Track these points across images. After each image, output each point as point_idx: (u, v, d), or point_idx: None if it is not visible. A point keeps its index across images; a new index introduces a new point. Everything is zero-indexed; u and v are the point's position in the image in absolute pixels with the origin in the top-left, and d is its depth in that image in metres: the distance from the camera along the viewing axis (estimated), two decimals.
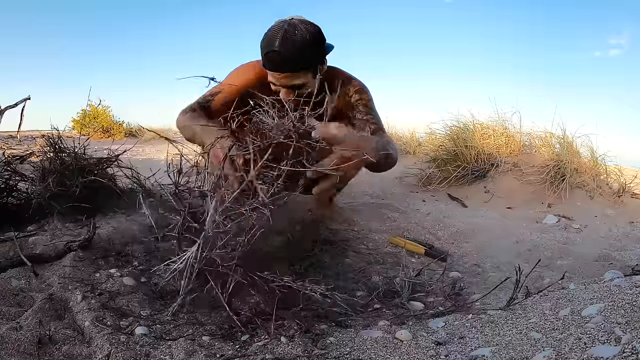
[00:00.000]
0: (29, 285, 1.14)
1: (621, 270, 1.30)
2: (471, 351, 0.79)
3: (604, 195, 2.56)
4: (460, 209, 2.48)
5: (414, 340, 0.86)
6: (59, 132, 1.84)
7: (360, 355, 0.83)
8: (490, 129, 3.23)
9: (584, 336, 0.72)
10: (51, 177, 1.62)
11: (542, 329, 0.81)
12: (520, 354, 0.73)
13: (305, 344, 0.88)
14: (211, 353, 0.86)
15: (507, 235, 1.81)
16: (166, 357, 0.85)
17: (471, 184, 2.92)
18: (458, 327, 0.92)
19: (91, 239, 1.36)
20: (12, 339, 0.85)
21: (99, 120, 8.73)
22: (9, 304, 1.05)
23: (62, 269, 1.20)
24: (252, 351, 0.86)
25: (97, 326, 0.92)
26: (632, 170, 2.89)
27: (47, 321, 0.94)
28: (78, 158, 1.77)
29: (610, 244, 1.75)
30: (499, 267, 1.49)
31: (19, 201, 1.69)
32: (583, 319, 0.79)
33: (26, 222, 1.59)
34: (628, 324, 0.72)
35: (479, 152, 3.00)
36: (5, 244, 1.36)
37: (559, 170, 2.64)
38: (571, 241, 1.73)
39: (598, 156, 2.76)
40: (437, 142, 3.40)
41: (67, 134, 6.74)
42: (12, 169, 1.73)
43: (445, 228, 1.92)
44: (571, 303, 0.88)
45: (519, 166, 2.88)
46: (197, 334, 0.94)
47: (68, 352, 0.85)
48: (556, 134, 2.91)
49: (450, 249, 1.69)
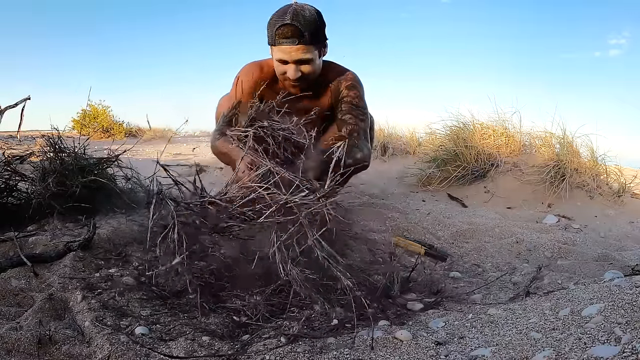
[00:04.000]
0: (29, 285, 1.14)
1: (621, 270, 1.30)
2: (471, 351, 0.79)
3: (604, 195, 2.56)
4: (460, 209, 2.48)
5: (414, 340, 0.86)
6: (59, 132, 1.84)
7: (360, 355, 0.83)
8: (490, 128, 3.22)
9: (584, 336, 0.72)
10: (51, 177, 1.62)
11: (542, 329, 0.81)
12: (520, 354, 0.73)
13: (305, 344, 0.88)
14: (211, 353, 0.86)
15: (507, 235, 1.81)
16: (166, 357, 0.85)
17: (471, 184, 2.92)
18: (458, 327, 0.92)
19: (91, 239, 1.36)
20: (12, 339, 0.85)
21: (99, 120, 8.72)
22: (9, 304, 1.05)
23: (62, 269, 1.20)
24: (252, 351, 0.86)
25: (97, 326, 0.92)
26: (632, 170, 2.89)
27: (47, 321, 0.94)
28: (78, 158, 1.77)
29: (610, 244, 1.75)
30: (499, 267, 1.49)
31: (19, 201, 1.69)
32: (583, 319, 0.79)
33: (26, 222, 1.59)
34: (628, 324, 0.72)
35: (479, 152, 3.00)
36: (5, 244, 1.36)
37: (559, 170, 2.63)
38: (571, 241, 1.72)
39: (598, 156, 2.76)
40: (437, 142, 3.40)
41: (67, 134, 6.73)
42: (12, 169, 1.73)
43: (445, 228, 1.92)
44: (571, 303, 0.88)
45: (518, 166, 2.88)
46: (197, 334, 0.94)
47: (68, 352, 0.85)
48: (556, 134, 2.91)
49: (450, 249, 1.69)
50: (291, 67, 1.65)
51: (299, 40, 1.59)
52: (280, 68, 1.67)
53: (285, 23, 1.57)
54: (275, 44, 1.62)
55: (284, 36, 1.59)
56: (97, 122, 8.72)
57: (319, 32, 1.65)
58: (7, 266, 1.19)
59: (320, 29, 1.66)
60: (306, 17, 1.59)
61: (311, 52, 1.64)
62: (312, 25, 1.60)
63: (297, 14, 1.59)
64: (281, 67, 1.67)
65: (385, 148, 4.18)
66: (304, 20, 1.58)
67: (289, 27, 1.57)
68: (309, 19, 1.60)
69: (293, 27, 1.57)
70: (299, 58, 1.63)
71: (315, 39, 1.64)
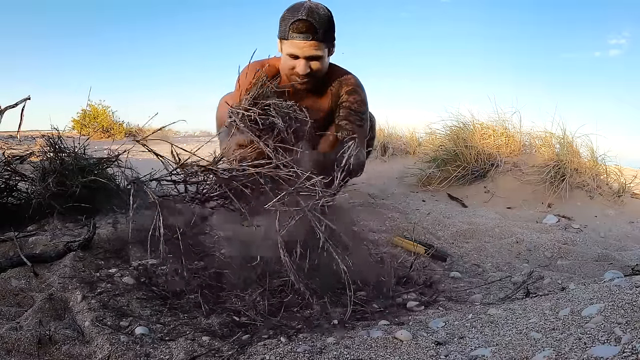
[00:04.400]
0: (29, 285, 1.14)
1: (621, 270, 1.30)
2: (471, 351, 0.79)
3: (604, 195, 2.56)
4: (460, 209, 2.47)
5: (414, 340, 0.86)
6: (59, 132, 1.84)
7: (360, 355, 0.83)
8: (490, 128, 3.22)
9: (584, 336, 0.72)
10: (51, 177, 1.62)
11: (542, 329, 0.81)
12: (520, 354, 0.73)
13: (305, 344, 0.88)
14: (211, 353, 0.86)
15: (507, 235, 1.81)
16: (166, 357, 0.85)
17: (471, 184, 2.92)
18: (458, 327, 0.92)
19: (91, 239, 1.36)
20: (12, 339, 0.85)
21: (99, 120, 8.72)
22: (9, 304, 1.05)
23: (62, 269, 1.20)
24: (252, 351, 0.86)
25: (97, 326, 0.92)
26: (632, 170, 2.89)
27: (47, 321, 0.94)
28: (78, 158, 1.77)
29: (610, 244, 1.75)
30: (499, 267, 1.49)
31: (19, 201, 1.69)
32: (583, 319, 0.79)
33: (26, 222, 1.59)
34: (628, 324, 0.72)
35: (479, 152, 3.00)
36: (5, 244, 1.36)
37: (559, 170, 2.63)
38: (571, 241, 1.72)
39: (598, 156, 2.76)
40: (437, 142, 3.40)
41: (67, 134, 6.73)
42: (12, 169, 1.73)
43: (445, 228, 1.92)
44: (571, 303, 0.88)
45: (518, 166, 2.88)
46: (197, 334, 0.94)
47: (68, 352, 0.85)
48: (556, 134, 2.91)
49: (450, 249, 1.69)
50: (301, 62, 1.66)
51: (313, 36, 1.62)
52: (290, 63, 1.68)
53: (300, 18, 1.60)
54: (287, 38, 1.64)
55: (298, 31, 1.61)
56: (97, 122, 8.72)
57: (330, 31, 1.69)
58: (7, 266, 1.19)
59: (331, 28, 1.69)
60: (320, 15, 1.63)
61: (322, 50, 1.67)
62: (325, 23, 1.64)
63: (312, 10, 1.62)
64: (291, 62, 1.68)
65: (385, 148, 4.18)
66: (318, 17, 1.62)
67: (304, 23, 1.60)
68: (323, 17, 1.63)
69: (308, 23, 1.60)
70: (311, 54, 1.65)
71: (327, 38, 1.67)
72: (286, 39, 1.65)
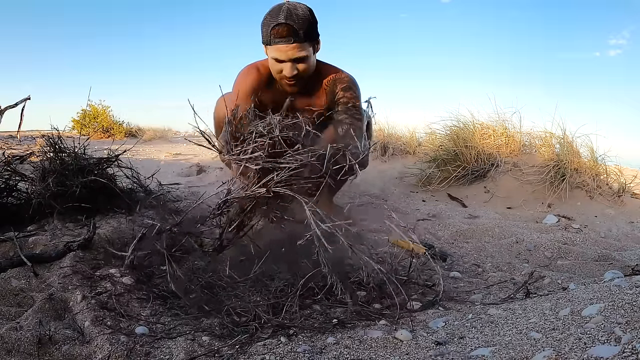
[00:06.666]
0: (29, 285, 1.14)
1: (621, 270, 1.30)
2: (471, 351, 0.79)
3: (604, 195, 2.56)
4: (460, 209, 2.47)
5: (414, 340, 0.86)
6: (59, 132, 1.84)
7: (360, 355, 0.83)
8: (490, 129, 3.22)
9: (584, 336, 0.72)
10: (51, 177, 1.62)
11: (542, 329, 0.81)
12: (520, 354, 0.73)
13: (305, 344, 0.88)
14: (211, 353, 0.86)
15: (507, 235, 1.81)
16: (166, 357, 0.85)
17: (471, 184, 2.92)
18: (458, 327, 0.92)
19: (91, 239, 1.36)
20: (12, 339, 0.85)
21: (99, 120, 8.72)
22: (9, 304, 1.05)
23: (62, 269, 1.20)
24: (252, 351, 0.86)
25: (97, 326, 0.92)
26: (632, 170, 2.89)
27: (47, 321, 0.94)
28: (78, 158, 1.77)
29: (610, 244, 1.75)
30: (499, 267, 1.49)
31: (19, 201, 1.69)
32: (583, 319, 0.79)
33: (26, 222, 1.59)
34: (628, 324, 0.72)
35: (479, 152, 3.00)
36: (5, 244, 1.36)
37: (559, 170, 2.63)
38: (571, 241, 1.72)
39: (598, 156, 2.76)
40: (437, 142, 3.40)
41: (67, 134, 6.73)
42: (12, 169, 1.73)
43: (445, 228, 1.92)
44: (571, 303, 0.88)
45: (518, 166, 2.88)
46: (197, 334, 0.94)
47: (68, 352, 0.85)
48: (556, 134, 2.91)
49: (450, 249, 1.69)
50: (287, 66, 1.66)
51: (294, 39, 1.60)
52: (277, 67, 1.69)
53: (279, 22, 1.59)
54: (270, 44, 1.64)
55: (279, 35, 1.60)
56: (97, 122, 8.72)
57: (312, 29, 1.67)
58: (7, 266, 1.19)
59: (313, 25, 1.67)
60: (299, 16, 1.61)
61: (306, 50, 1.66)
62: (305, 23, 1.62)
63: (291, 12, 1.60)
64: (277, 66, 1.69)
65: (385, 148, 4.18)
66: (297, 19, 1.60)
67: (284, 27, 1.59)
68: (302, 17, 1.61)
69: (288, 27, 1.59)
70: (295, 57, 1.65)
71: (309, 37, 1.65)
72: (269, 44, 1.64)
